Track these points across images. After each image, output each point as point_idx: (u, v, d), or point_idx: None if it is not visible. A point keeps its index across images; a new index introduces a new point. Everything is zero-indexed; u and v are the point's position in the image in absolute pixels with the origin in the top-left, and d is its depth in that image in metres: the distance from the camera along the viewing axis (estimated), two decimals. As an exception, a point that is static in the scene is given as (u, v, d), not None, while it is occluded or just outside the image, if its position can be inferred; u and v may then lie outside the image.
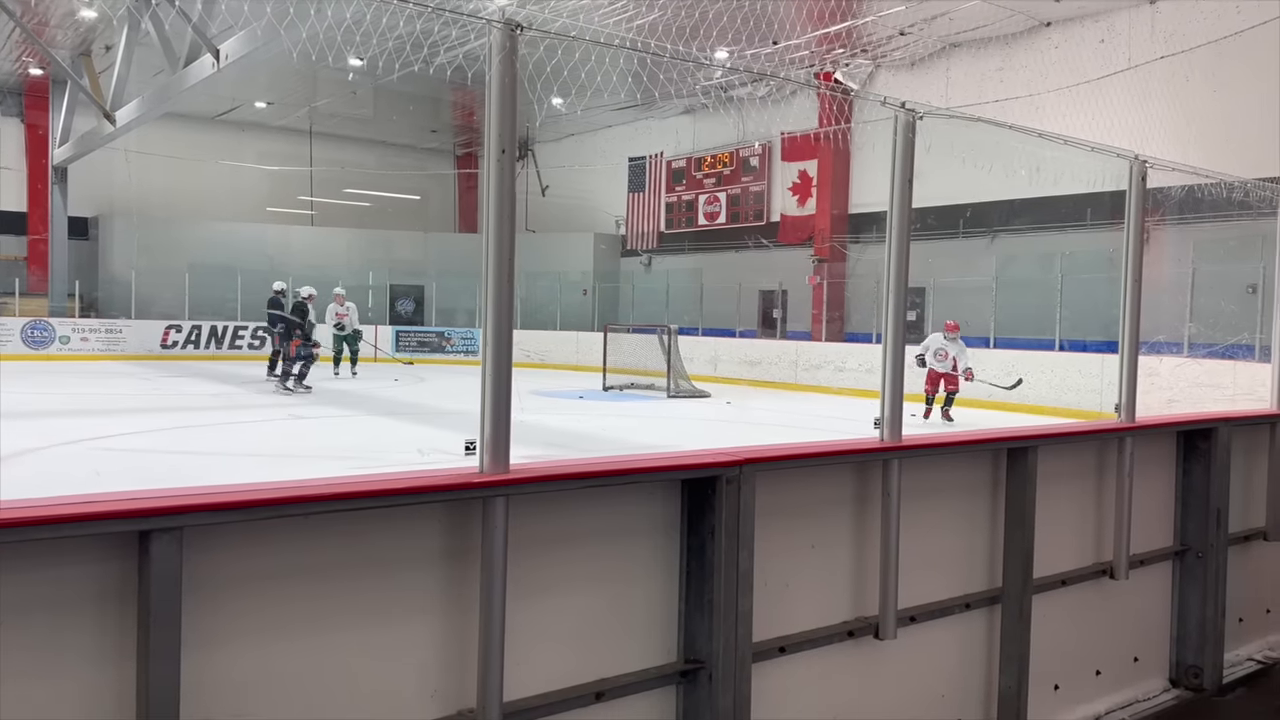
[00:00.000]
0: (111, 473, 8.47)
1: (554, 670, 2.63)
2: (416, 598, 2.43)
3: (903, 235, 3.27)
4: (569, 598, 2.68)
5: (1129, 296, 4.26)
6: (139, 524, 1.95)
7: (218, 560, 2.11)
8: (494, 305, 2.45)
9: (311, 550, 2.26)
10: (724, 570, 2.79)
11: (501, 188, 2.43)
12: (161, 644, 1.97)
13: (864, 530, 3.31)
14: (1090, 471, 4.23)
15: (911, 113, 3.25)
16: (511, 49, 2.37)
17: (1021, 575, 3.70)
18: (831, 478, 3.26)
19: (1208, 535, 4.56)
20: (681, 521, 2.87)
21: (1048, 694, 3.94)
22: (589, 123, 26.15)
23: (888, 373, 3.29)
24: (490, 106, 2.39)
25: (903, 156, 3.25)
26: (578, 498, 2.68)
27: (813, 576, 3.20)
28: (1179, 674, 4.60)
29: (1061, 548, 4.04)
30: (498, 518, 2.42)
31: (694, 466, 2.84)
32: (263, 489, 2.14)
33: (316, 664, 2.27)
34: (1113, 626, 4.32)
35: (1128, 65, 16.58)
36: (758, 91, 20.54)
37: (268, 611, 2.20)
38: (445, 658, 2.46)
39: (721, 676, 2.79)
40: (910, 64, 20.29)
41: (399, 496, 2.32)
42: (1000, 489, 3.75)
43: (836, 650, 3.22)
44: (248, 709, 2.17)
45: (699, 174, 25.91)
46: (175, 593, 1.99)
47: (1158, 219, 14.96)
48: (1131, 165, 4.25)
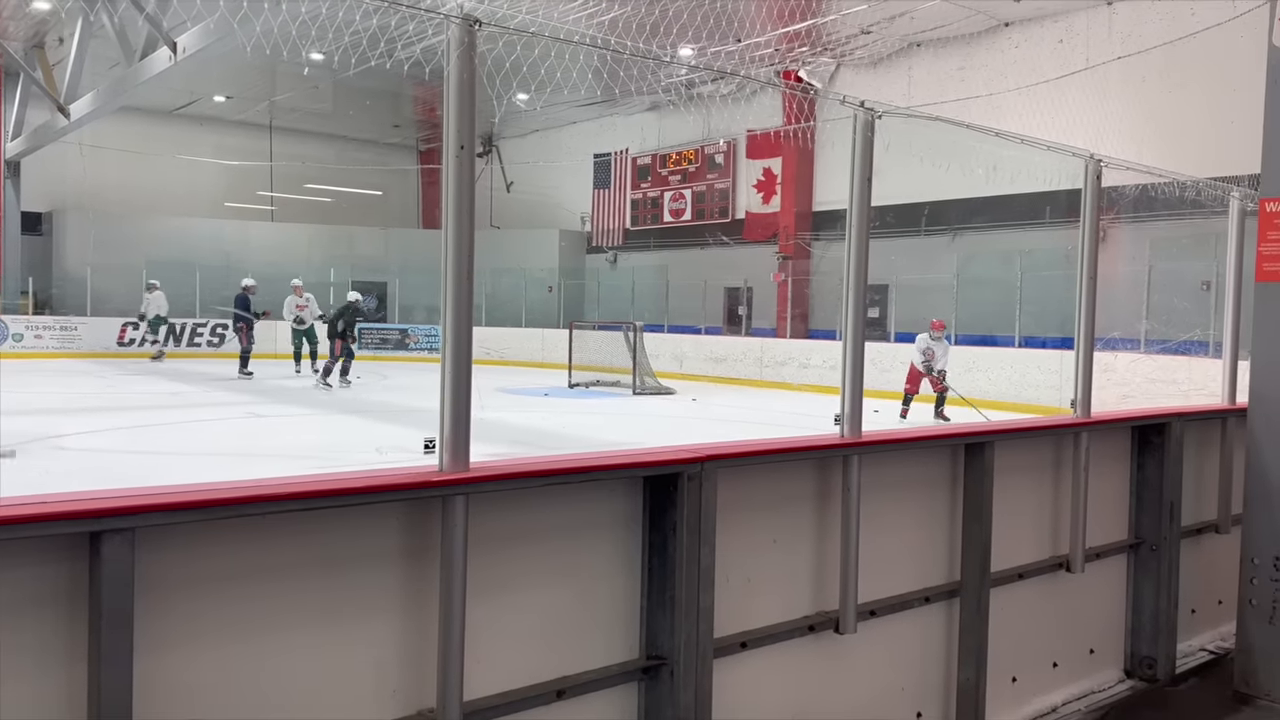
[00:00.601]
0: (64, 473, 8.31)
1: (515, 669, 2.62)
2: (375, 597, 2.41)
3: (862, 233, 3.30)
4: (530, 596, 2.67)
5: (1084, 294, 4.33)
6: (90, 525, 1.91)
7: (172, 561, 2.08)
8: (453, 302, 2.44)
9: (268, 550, 2.23)
10: (686, 567, 2.80)
11: (461, 184, 2.41)
12: (113, 646, 1.94)
13: (825, 525, 3.33)
14: (1047, 466, 4.29)
15: (870, 111, 3.27)
16: (470, 44, 2.35)
17: (979, 569, 3.74)
18: (793, 474, 3.28)
19: (1161, 528, 4.65)
20: (644, 518, 2.87)
21: (1006, 686, 4.00)
22: (553, 119, 26.07)
23: (848, 369, 3.31)
24: (449, 102, 2.37)
25: (862, 155, 3.28)
26: (539, 496, 2.67)
27: (774, 572, 3.22)
28: (1134, 665, 4.69)
29: (1019, 541, 4.10)
30: (457, 516, 2.40)
31: (656, 464, 2.84)
32: (217, 489, 2.11)
33: (273, 665, 2.24)
34: (1069, 619, 4.39)
35: (1085, 65, 16.83)
36: (722, 89, 20.60)
37: (223, 612, 2.17)
38: (405, 657, 2.44)
39: (683, 673, 2.80)
40: (873, 63, 20.45)
41: (356, 496, 2.30)
42: (958, 484, 3.79)
43: (797, 645, 3.24)
44: (203, 712, 2.14)
45: (664, 171, 25.93)
46: (127, 594, 1.95)
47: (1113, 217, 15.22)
48: (1087, 164, 4.32)
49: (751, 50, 18.65)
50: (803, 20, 17.62)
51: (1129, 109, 16.16)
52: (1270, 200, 4.33)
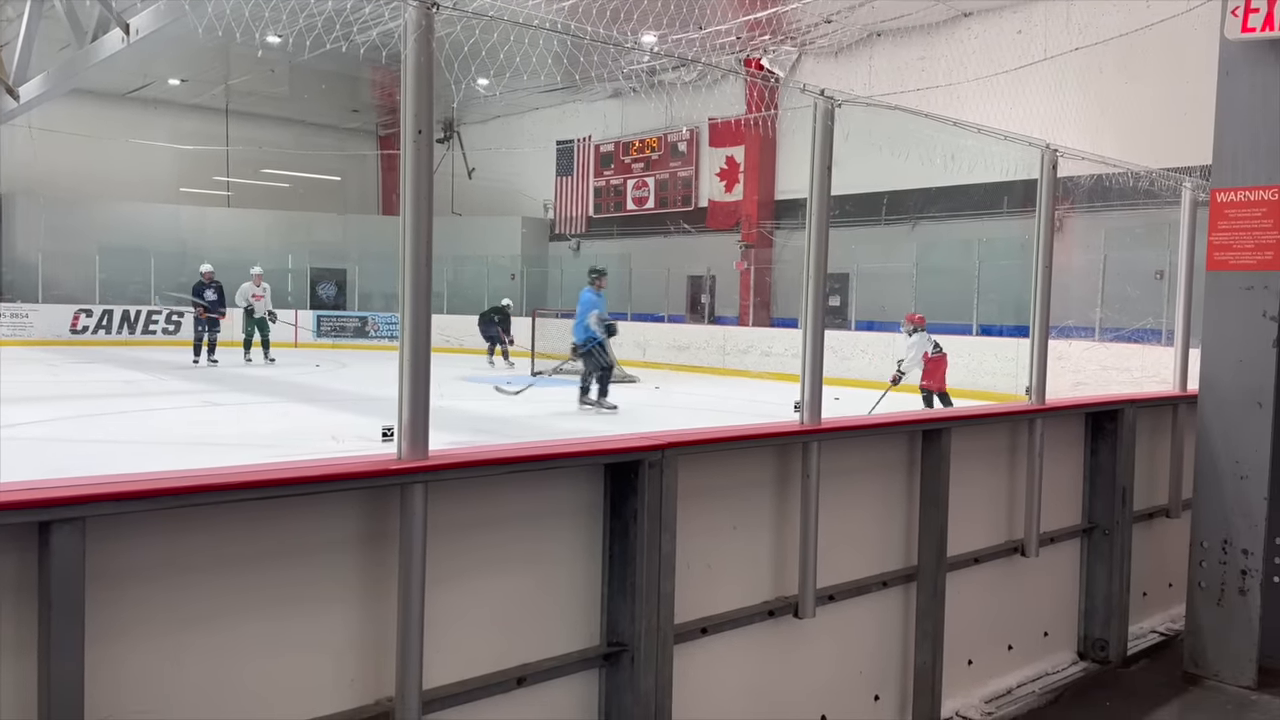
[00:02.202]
0: (13, 463, 8.14)
1: (475, 657, 2.61)
2: (332, 586, 2.39)
3: (822, 221, 3.31)
4: (490, 583, 2.67)
5: (1040, 282, 4.39)
6: (38, 514, 1.88)
7: (123, 551, 2.05)
8: (411, 289, 2.41)
9: (222, 540, 2.20)
10: (646, 553, 2.80)
11: (419, 170, 2.39)
12: (64, 637, 1.90)
13: (785, 511, 3.36)
14: (1002, 452, 4.35)
15: (830, 100, 3.29)
16: (428, 28, 2.32)
17: (936, 554, 3.79)
18: (753, 460, 3.30)
19: (1114, 513, 4.74)
20: (605, 506, 2.87)
21: (961, 669, 4.06)
22: (515, 105, 25.90)
23: (807, 357, 3.33)
24: (406, 87, 2.35)
25: (822, 143, 3.29)
26: (499, 483, 2.66)
27: (734, 558, 3.24)
28: (1086, 647, 4.78)
29: (975, 526, 4.16)
30: (416, 505, 2.39)
31: (617, 451, 2.84)
32: (170, 477, 2.08)
33: (229, 656, 2.22)
34: (1024, 602, 4.47)
35: (1044, 56, 17.02)
36: (685, 77, 20.55)
37: (177, 603, 2.14)
38: (363, 646, 2.43)
39: (644, 659, 2.81)
40: (835, 52, 20.53)
41: (313, 485, 2.27)
42: (916, 470, 3.83)
43: (757, 630, 3.26)
44: (156, 704, 2.11)
45: (627, 158, 25.88)
46: (78, 585, 1.92)
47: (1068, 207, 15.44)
48: (1043, 154, 4.37)
49: (714, 38, 18.65)
50: (765, 9, 17.64)
51: (1086, 100, 16.38)
52: (1221, 190, 4.42)
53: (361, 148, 30.73)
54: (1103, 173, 5.31)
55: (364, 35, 4.42)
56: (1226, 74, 4.36)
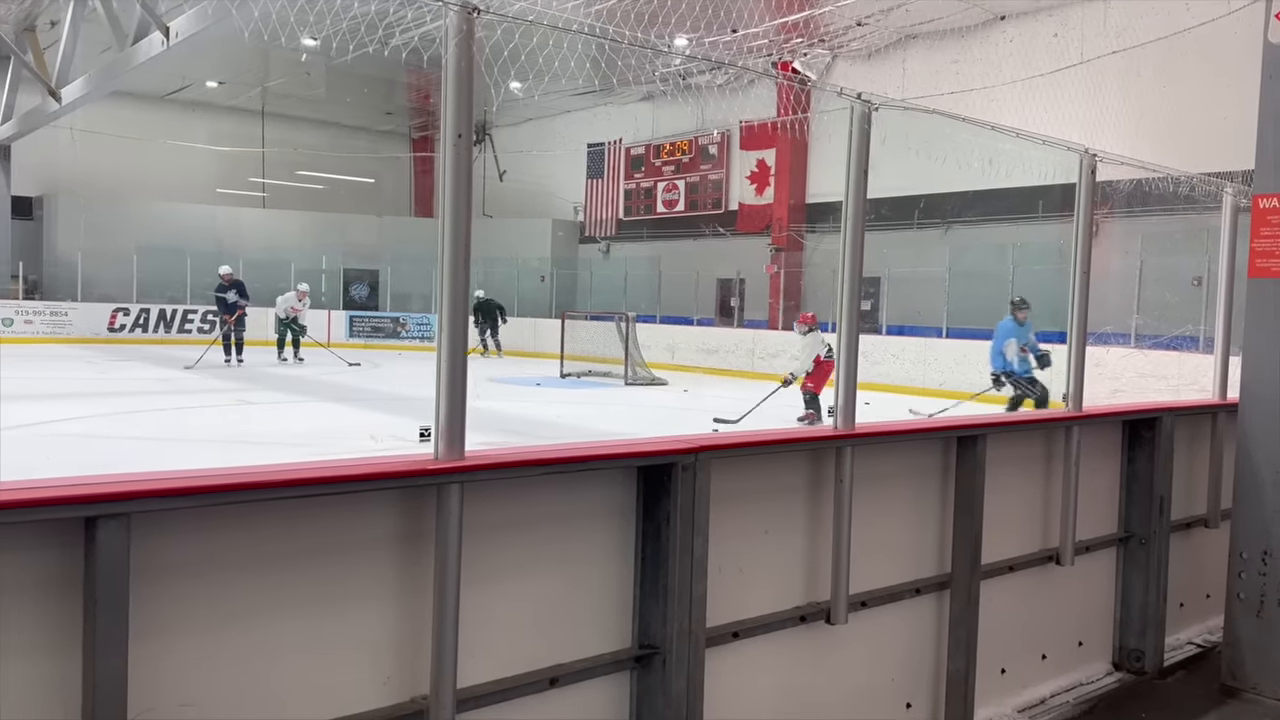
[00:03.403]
0: (58, 458, 8.29)
1: (508, 657, 2.63)
2: (370, 585, 2.41)
3: (857, 225, 3.30)
4: (524, 584, 2.68)
5: (1077, 288, 4.34)
6: (85, 510, 1.91)
7: (166, 547, 2.08)
8: (449, 291, 2.43)
9: (262, 537, 2.23)
10: (679, 556, 2.81)
11: (458, 173, 2.41)
12: (108, 632, 1.94)
13: (817, 516, 3.35)
14: (1038, 460, 4.31)
15: (867, 103, 3.27)
16: (468, 32, 2.34)
17: (970, 561, 3.76)
18: (786, 465, 3.29)
19: (1151, 522, 4.68)
20: (637, 508, 2.88)
21: (995, 677, 4.03)
22: (548, 108, 25.99)
23: (841, 362, 3.32)
24: (446, 91, 2.37)
25: (858, 147, 3.28)
26: (533, 485, 2.67)
27: (766, 562, 3.23)
28: (1122, 657, 4.72)
29: (1009, 534, 4.12)
30: (452, 505, 2.41)
31: (650, 454, 2.85)
32: (212, 475, 2.11)
33: (267, 652, 2.25)
34: (1058, 611, 4.42)
35: (1080, 60, 16.84)
36: (717, 80, 20.56)
37: (216, 600, 2.17)
38: (398, 645, 2.45)
39: (675, 662, 2.81)
40: (868, 55, 20.43)
41: (352, 483, 2.30)
42: (950, 476, 3.81)
43: (789, 635, 3.25)
44: (196, 698, 2.14)
45: (658, 161, 25.89)
46: (122, 580, 1.95)
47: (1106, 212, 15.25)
48: (1081, 159, 4.33)
49: (747, 41, 18.62)
50: (798, 12, 17.60)
51: (1123, 103, 16.18)
52: (1264, 196, 4.35)
53: (395, 150, 30.99)
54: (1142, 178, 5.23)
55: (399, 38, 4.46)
56: (1270, 78, 4.29)
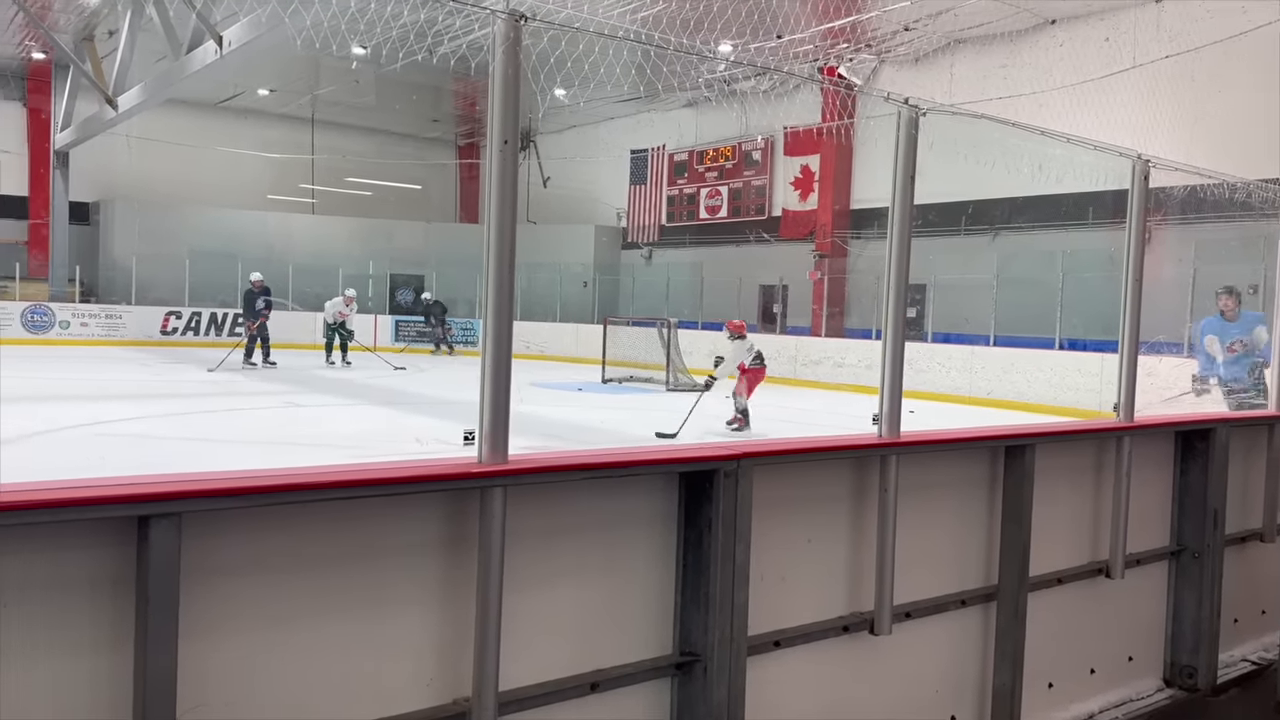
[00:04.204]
0: (111, 458, 8.48)
1: (550, 661, 2.63)
2: (413, 587, 2.43)
3: (904, 232, 3.27)
4: (566, 589, 2.69)
5: (1129, 296, 4.26)
6: (138, 509, 1.95)
7: (215, 547, 2.12)
8: (494, 296, 2.45)
9: (308, 538, 2.26)
10: (721, 563, 2.79)
11: (503, 179, 2.43)
12: (159, 630, 1.97)
13: (861, 525, 3.32)
14: (1088, 470, 4.23)
15: (915, 109, 3.24)
16: (515, 40, 2.36)
17: (1017, 573, 3.70)
18: (829, 473, 3.26)
19: (1204, 536, 4.57)
20: (679, 514, 2.87)
21: (1042, 691, 3.96)
22: (591, 114, 26.11)
23: (887, 369, 3.29)
24: (493, 98, 2.39)
25: (905, 153, 3.25)
26: (576, 489, 2.68)
27: (809, 571, 3.21)
28: (1173, 674, 4.61)
29: (1057, 546, 4.05)
30: (495, 508, 2.42)
31: (692, 460, 2.84)
32: (261, 476, 2.14)
33: (312, 652, 2.27)
34: (1107, 625, 4.34)
35: (1132, 64, 16.55)
36: (761, 85, 20.53)
37: (263, 599, 2.21)
38: (441, 647, 2.47)
39: (716, 669, 2.80)
40: (914, 60, 20.26)
41: (398, 485, 2.32)
42: (997, 486, 3.75)
43: (831, 645, 3.22)
44: (243, 697, 2.17)
45: (701, 167, 25.88)
46: (173, 579, 1.99)
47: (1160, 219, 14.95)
48: (1134, 164, 4.25)
49: (792, 46, 18.55)
50: (844, 17, 17.50)
51: (1177, 108, 15.87)
52: (1324, 203, 4.23)
53: (440, 157, 31.32)
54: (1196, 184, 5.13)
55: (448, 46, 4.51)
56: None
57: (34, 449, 8.84)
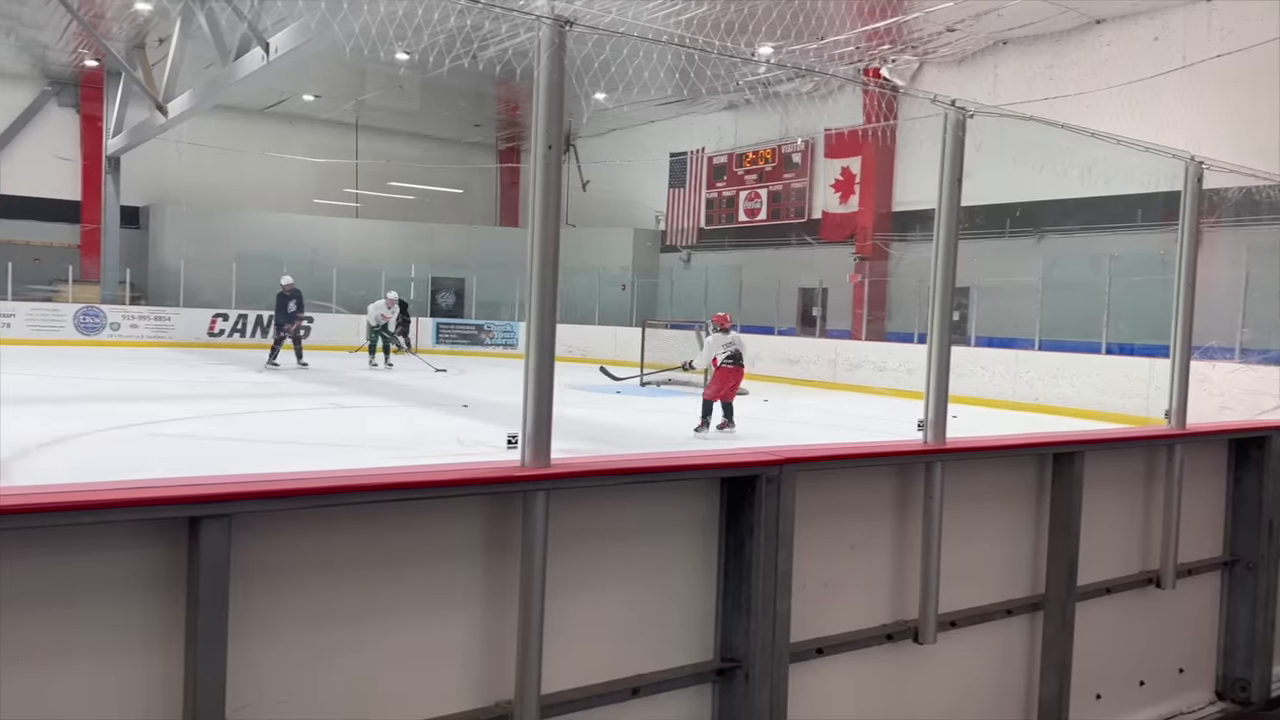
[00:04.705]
0: (161, 458, 8.63)
1: (591, 665, 2.64)
2: (456, 589, 2.45)
3: (950, 235, 3.23)
4: (607, 593, 2.69)
5: (1182, 300, 4.18)
6: (190, 510, 1.98)
7: (262, 548, 2.14)
8: (538, 300, 2.46)
9: (353, 540, 2.28)
10: (763, 569, 2.78)
11: (548, 183, 2.44)
12: (209, 630, 2.00)
13: (905, 533, 3.28)
14: (1138, 478, 4.15)
15: (962, 111, 3.21)
16: (560, 45, 2.37)
17: (1065, 582, 3.64)
18: (873, 479, 3.23)
19: (1259, 546, 4.46)
20: (720, 520, 2.86)
21: (1089, 703, 3.88)
22: (631, 118, 26.14)
23: (932, 374, 3.25)
24: (538, 103, 2.40)
25: (952, 155, 3.21)
26: (617, 493, 2.68)
27: (852, 578, 3.18)
28: (1225, 687, 4.51)
29: (1106, 555, 3.97)
30: (538, 512, 2.43)
31: (734, 465, 2.83)
32: (310, 478, 2.17)
33: (356, 652, 2.29)
34: (1158, 636, 4.25)
35: (1182, 64, 16.23)
36: (802, 87, 20.42)
37: (309, 599, 2.23)
38: (484, 649, 2.48)
39: (758, 676, 2.78)
40: (958, 61, 20.03)
41: (443, 488, 2.34)
42: (1045, 494, 3.69)
43: (875, 653, 3.19)
44: (288, 697, 2.20)
45: (740, 170, 25.79)
46: (223, 579, 2.02)
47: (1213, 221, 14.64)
48: (1187, 166, 4.17)
49: (832, 48, 18.43)
50: (887, 18, 17.36)
51: (1228, 109, 15.53)
52: (1385, 205, 4.12)
53: (481, 161, 31.53)
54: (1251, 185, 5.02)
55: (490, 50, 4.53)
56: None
57: (89, 448, 9.03)
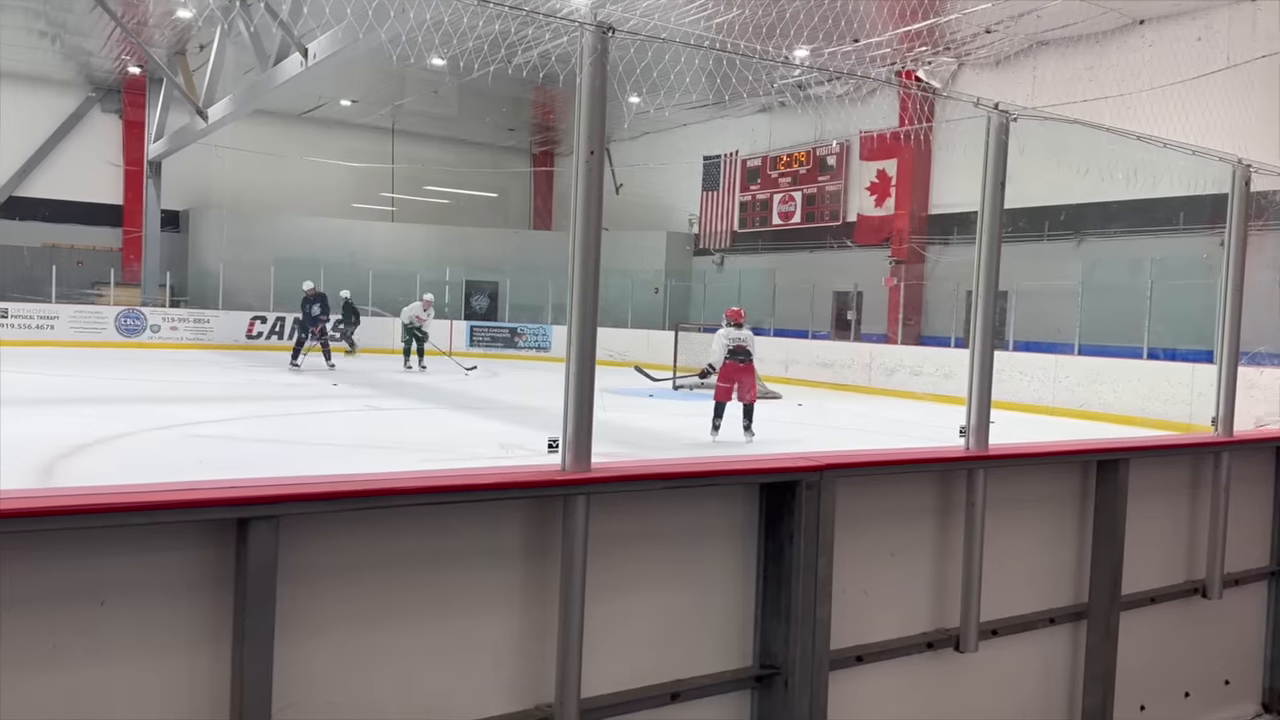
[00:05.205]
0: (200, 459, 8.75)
1: (630, 669, 2.64)
2: (497, 592, 2.46)
3: (994, 239, 3.20)
4: (646, 597, 2.69)
5: (1228, 304, 4.11)
6: (238, 511, 2.01)
7: (308, 549, 2.16)
8: (579, 304, 2.47)
9: (395, 542, 2.30)
10: (802, 576, 2.76)
11: (589, 189, 2.45)
12: (256, 630, 2.03)
13: (946, 540, 3.25)
14: (1183, 486, 4.09)
15: (1005, 114, 3.17)
16: (603, 51, 2.37)
17: (1109, 591, 3.59)
18: (914, 485, 3.21)
19: (1308, 556, 4.37)
20: (759, 525, 2.85)
21: (1133, 714, 3.83)
22: (665, 121, 26.13)
23: (975, 379, 3.22)
24: (580, 109, 2.40)
25: (994, 159, 3.18)
26: (657, 498, 2.68)
27: (892, 585, 3.15)
28: (1273, 699, 4.42)
29: (1151, 564, 3.91)
30: (579, 516, 2.43)
31: (774, 471, 2.82)
32: (356, 480, 2.19)
33: (398, 653, 2.31)
34: (1203, 647, 4.18)
35: (1227, 64, 15.96)
36: (837, 90, 20.30)
37: (351, 600, 2.25)
38: (524, 653, 2.49)
39: (798, 683, 2.77)
40: (995, 62, 19.83)
41: (485, 492, 2.35)
42: (1089, 501, 3.64)
43: (915, 661, 3.16)
44: (333, 696, 2.22)
45: (774, 173, 25.71)
46: (270, 579, 2.04)
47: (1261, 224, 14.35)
48: (1234, 169, 4.09)
49: (869, 50, 18.32)
50: (923, 20, 17.23)
51: (1274, 109, 15.24)
52: None
53: (516, 165, 31.69)
54: (1300, 188, 4.92)
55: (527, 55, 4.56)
56: None
57: (132, 449, 9.18)
